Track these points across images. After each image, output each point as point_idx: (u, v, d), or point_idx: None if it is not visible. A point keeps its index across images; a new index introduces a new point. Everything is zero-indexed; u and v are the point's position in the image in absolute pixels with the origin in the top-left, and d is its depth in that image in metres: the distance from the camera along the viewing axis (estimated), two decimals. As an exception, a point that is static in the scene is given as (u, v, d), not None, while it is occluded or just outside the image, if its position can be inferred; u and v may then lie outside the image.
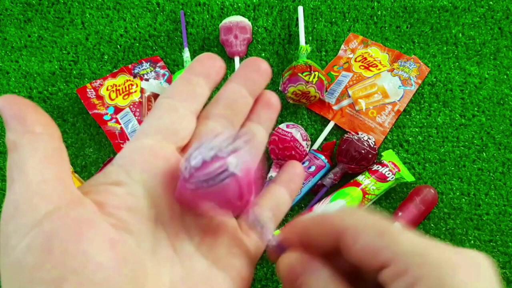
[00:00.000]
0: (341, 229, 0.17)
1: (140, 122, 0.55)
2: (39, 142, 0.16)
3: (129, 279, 0.16)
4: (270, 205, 0.23)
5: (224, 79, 0.36)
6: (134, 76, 0.58)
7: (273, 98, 0.23)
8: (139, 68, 0.58)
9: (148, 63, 0.59)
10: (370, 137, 0.52)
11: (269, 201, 0.23)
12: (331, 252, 0.18)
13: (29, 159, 0.16)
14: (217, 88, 0.24)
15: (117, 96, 0.56)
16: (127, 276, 0.16)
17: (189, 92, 0.21)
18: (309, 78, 0.52)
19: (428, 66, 0.59)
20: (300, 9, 0.59)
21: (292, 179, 0.24)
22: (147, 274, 0.17)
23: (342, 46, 0.61)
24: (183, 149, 0.21)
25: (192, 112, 0.21)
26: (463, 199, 0.53)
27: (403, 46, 0.60)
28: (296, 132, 0.52)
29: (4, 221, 0.15)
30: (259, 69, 0.22)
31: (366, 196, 0.50)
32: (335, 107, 0.57)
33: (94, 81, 0.58)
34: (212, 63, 0.22)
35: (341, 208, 0.18)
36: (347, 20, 0.62)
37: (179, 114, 0.20)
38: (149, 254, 0.17)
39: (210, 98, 0.23)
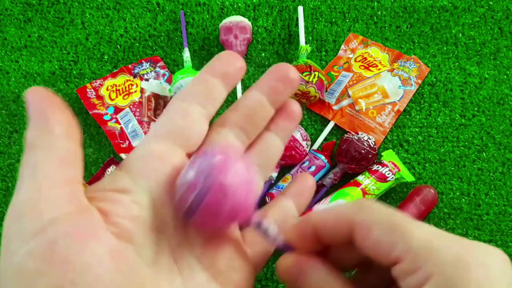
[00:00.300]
0: (353, 223, 0.17)
1: (140, 122, 0.55)
2: (56, 144, 0.16)
3: None
4: (276, 217, 0.22)
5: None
6: (134, 76, 0.58)
7: (296, 109, 0.22)
8: (139, 68, 0.58)
9: (148, 63, 0.59)
10: (370, 137, 0.52)
11: (276, 214, 0.22)
12: (345, 244, 0.18)
13: (43, 161, 0.16)
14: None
15: (117, 96, 0.56)
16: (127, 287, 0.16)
17: (205, 95, 0.20)
18: (309, 78, 0.52)
19: (428, 66, 0.59)
20: (300, 9, 0.59)
21: (302, 193, 0.23)
22: (146, 285, 0.17)
23: (342, 46, 0.61)
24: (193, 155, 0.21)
25: (206, 117, 0.20)
26: (463, 199, 0.53)
27: (403, 46, 0.60)
28: (296, 132, 0.52)
29: (8, 223, 0.15)
30: (285, 77, 0.21)
31: (366, 196, 0.50)
32: (335, 107, 0.57)
33: (94, 81, 0.58)
34: (232, 62, 0.21)
35: (354, 201, 0.18)
36: (347, 20, 0.62)
37: (191, 119, 0.20)
38: (149, 264, 0.17)
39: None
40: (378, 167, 0.51)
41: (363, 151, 0.50)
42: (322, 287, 0.18)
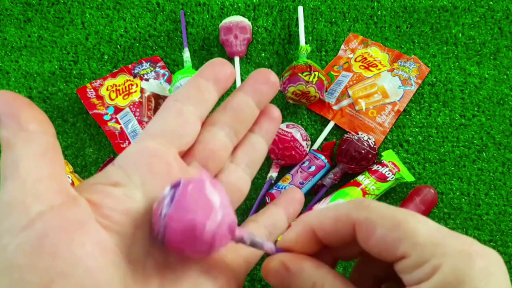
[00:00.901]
0: (355, 223, 0.17)
1: (140, 122, 0.55)
2: (33, 140, 0.16)
3: (118, 284, 0.16)
4: (266, 223, 0.23)
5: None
6: (134, 76, 0.58)
7: (276, 113, 0.24)
8: (139, 68, 0.58)
9: (148, 63, 0.59)
10: (370, 137, 0.52)
11: (266, 220, 0.23)
12: (344, 243, 0.18)
13: (23, 157, 0.16)
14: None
15: (117, 96, 0.56)
16: (116, 281, 0.16)
17: (198, 97, 0.21)
18: (309, 78, 0.52)
19: (428, 66, 0.59)
20: (300, 9, 0.59)
21: (291, 203, 0.25)
22: (137, 278, 0.17)
23: (342, 46, 0.61)
24: (185, 154, 0.21)
25: (198, 117, 0.21)
26: (463, 199, 0.53)
27: (403, 46, 0.60)
28: (296, 132, 0.52)
29: None
30: (268, 81, 0.22)
31: (366, 196, 0.50)
32: (335, 107, 0.57)
33: (94, 81, 0.58)
34: (223, 69, 0.22)
35: (352, 200, 0.18)
36: (347, 20, 0.62)
37: (185, 118, 0.20)
38: (141, 258, 0.17)
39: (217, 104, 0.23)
40: (378, 167, 0.51)
41: (363, 151, 0.50)
42: (314, 283, 0.18)
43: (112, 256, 0.16)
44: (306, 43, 0.58)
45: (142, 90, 0.57)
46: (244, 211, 0.53)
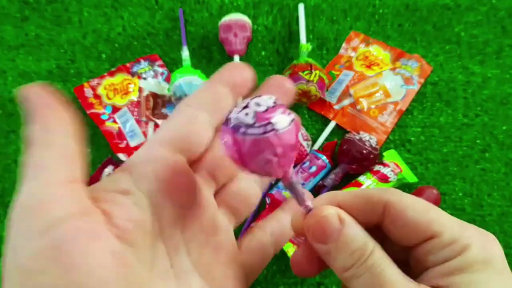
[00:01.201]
0: (390, 203, 0.17)
1: (138, 121, 0.54)
2: (57, 142, 0.16)
3: None
4: (273, 228, 0.23)
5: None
6: (132, 75, 0.57)
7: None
8: (137, 66, 0.58)
9: (147, 62, 0.58)
10: (372, 137, 0.51)
11: (273, 226, 0.23)
12: (365, 225, 0.18)
13: (45, 159, 0.16)
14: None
15: (115, 95, 0.56)
16: None
17: (212, 103, 0.20)
18: (309, 77, 0.51)
19: (430, 65, 0.58)
20: (301, 7, 0.59)
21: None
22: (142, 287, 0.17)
23: (344, 45, 0.60)
24: (195, 162, 0.21)
25: (211, 125, 0.20)
26: (466, 200, 0.53)
27: (405, 44, 0.60)
28: (297, 132, 0.51)
29: (14, 221, 0.15)
30: (283, 87, 0.22)
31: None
32: (336, 107, 0.56)
33: (91, 80, 0.57)
34: (240, 73, 0.21)
35: (380, 187, 0.18)
36: (349, 18, 0.61)
37: (197, 126, 0.20)
38: (147, 268, 0.17)
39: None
40: (380, 167, 0.50)
41: (364, 151, 0.49)
42: (364, 243, 0.17)
43: (122, 266, 0.16)
44: (307, 41, 0.57)
45: (140, 89, 0.56)
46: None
